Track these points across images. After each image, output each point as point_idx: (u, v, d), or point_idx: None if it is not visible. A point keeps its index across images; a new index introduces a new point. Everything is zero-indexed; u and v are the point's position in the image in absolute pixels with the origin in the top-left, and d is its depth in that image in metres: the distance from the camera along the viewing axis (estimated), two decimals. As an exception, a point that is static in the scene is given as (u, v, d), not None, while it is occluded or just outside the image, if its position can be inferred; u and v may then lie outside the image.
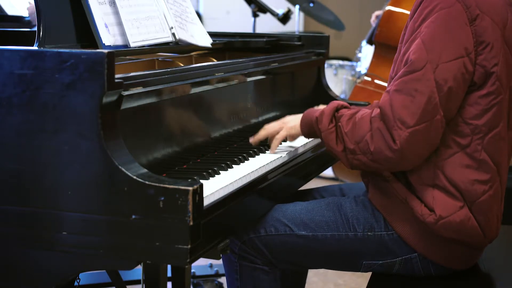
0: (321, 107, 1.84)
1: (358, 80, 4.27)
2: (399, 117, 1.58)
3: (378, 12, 4.08)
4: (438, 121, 1.59)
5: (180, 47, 2.06)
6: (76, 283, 2.00)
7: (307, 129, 1.82)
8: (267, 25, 4.53)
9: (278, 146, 1.89)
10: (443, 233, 1.66)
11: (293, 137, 1.91)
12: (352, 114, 1.70)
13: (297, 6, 4.72)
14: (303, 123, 1.83)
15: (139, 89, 1.52)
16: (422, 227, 1.69)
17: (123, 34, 1.81)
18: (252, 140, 1.92)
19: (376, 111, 1.64)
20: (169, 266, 2.41)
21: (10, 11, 2.55)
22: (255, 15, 3.84)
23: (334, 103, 1.76)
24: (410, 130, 1.58)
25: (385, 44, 3.81)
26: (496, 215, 1.72)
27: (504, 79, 1.65)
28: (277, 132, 1.89)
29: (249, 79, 2.04)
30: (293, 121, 1.87)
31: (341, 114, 1.72)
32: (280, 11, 3.87)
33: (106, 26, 1.77)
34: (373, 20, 4.16)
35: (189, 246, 1.33)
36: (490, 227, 1.70)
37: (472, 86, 1.63)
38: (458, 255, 1.74)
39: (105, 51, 1.35)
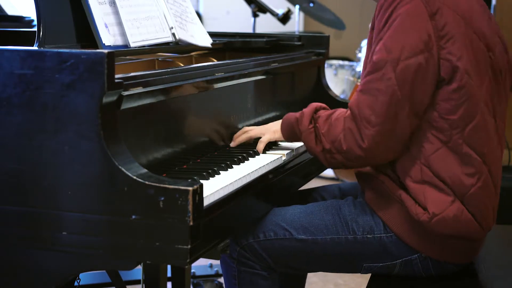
0: None
1: (359, 80, 4.28)
2: (364, 116, 1.62)
3: None
4: (404, 116, 1.62)
5: (180, 47, 2.06)
6: (76, 283, 2.00)
7: (288, 132, 1.83)
8: (267, 25, 4.53)
9: (263, 148, 1.89)
10: (439, 230, 1.66)
11: (274, 140, 1.92)
12: (328, 115, 1.73)
13: (297, 6, 4.71)
14: (283, 126, 1.84)
15: (139, 89, 1.52)
16: (419, 225, 1.69)
17: (123, 34, 1.81)
18: (233, 143, 1.93)
19: (349, 111, 1.68)
20: (169, 266, 2.41)
21: (10, 11, 2.55)
22: (255, 15, 3.84)
23: (313, 105, 1.79)
24: (376, 129, 1.61)
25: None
26: (491, 207, 1.72)
27: (472, 71, 1.64)
28: (258, 136, 1.91)
29: (249, 79, 2.04)
30: (275, 125, 1.90)
31: (319, 116, 1.75)
32: (280, 11, 3.87)
33: (106, 26, 1.77)
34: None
35: (189, 246, 1.33)
36: (486, 218, 1.70)
37: (441, 81, 1.64)
38: (458, 249, 1.73)
39: (105, 51, 1.35)
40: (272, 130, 1.90)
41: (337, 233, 1.77)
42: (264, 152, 1.90)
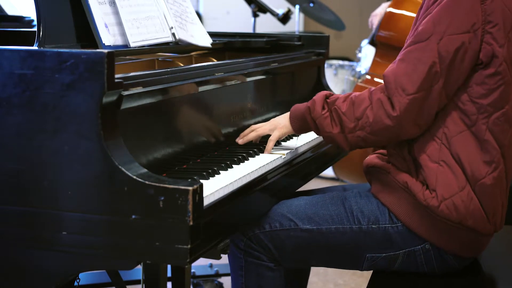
0: None
1: (359, 80, 4.28)
2: (400, 84, 1.65)
3: (375, 12, 4.11)
4: (437, 91, 1.65)
5: (180, 47, 2.06)
6: (76, 283, 2.00)
7: (298, 123, 1.85)
8: (267, 25, 4.53)
9: (272, 147, 1.89)
10: (447, 215, 1.67)
11: (284, 136, 1.93)
12: (346, 95, 1.76)
13: (297, 6, 4.71)
14: (292, 118, 1.87)
15: (139, 89, 1.52)
16: (426, 213, 1.70)
17: (123, 34, 1.81)
18: (241, 141, 1.93)
19: (372, 88, 1.70)
20: (169, 266, 2.41)
21: (10, 11, 2.55)
22: (255, 15, 3.84)
23: (322, 92, 1.82)
24: (410, 98, 1.64)
25: (386, 44, 3.84)
26: (501, 202, 1.73)
27: (511, 64, 1.67)
28: (267, 133, 1.91)
29: (249, 79, 2.04)
30: (282, 120, 1.91)
31: (335, 98, 1.78)
32: (280, 11, 3.87)
33: (106, 26, 1.77)
34: (370, 21, 4.18)
35: (189, 246, 1.33)
36: (495, 212, 1.71)
37: (479, 64, 1.67)
38: (463, 240, 1.73)
39: (105, 51, 1.35)
40: (280, 125, 1.90)
41: (342, 223, 1.78)
42: (263, 151, 1.90)
